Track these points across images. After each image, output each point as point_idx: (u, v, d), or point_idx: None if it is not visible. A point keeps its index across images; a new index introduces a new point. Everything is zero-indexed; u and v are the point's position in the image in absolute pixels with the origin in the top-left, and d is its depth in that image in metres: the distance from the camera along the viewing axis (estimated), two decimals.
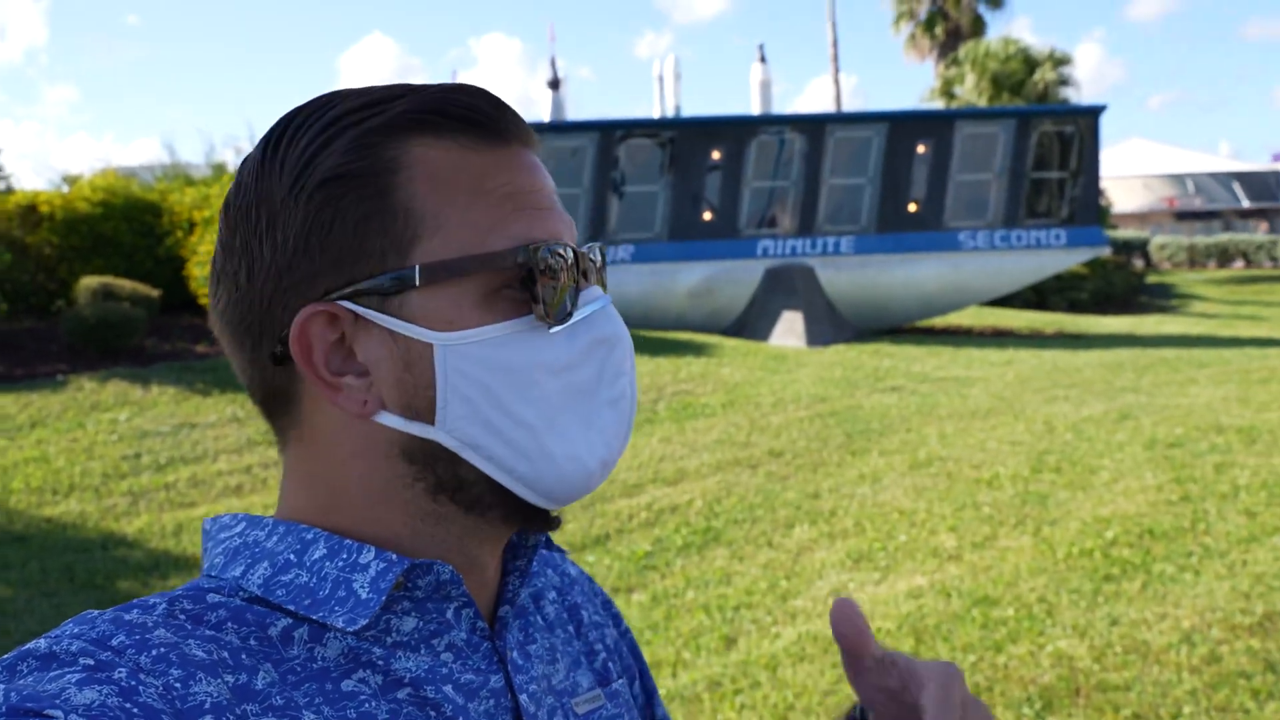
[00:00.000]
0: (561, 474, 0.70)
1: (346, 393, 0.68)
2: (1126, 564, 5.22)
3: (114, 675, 0.57)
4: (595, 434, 0.71)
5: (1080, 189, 15.54)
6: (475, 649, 0.71)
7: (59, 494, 6.68)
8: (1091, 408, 8.96)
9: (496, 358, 0.68)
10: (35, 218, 11.99)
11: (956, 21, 31.94)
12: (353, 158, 0.67)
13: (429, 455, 0.69)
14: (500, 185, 0.70)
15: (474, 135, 0.70)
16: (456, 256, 0.67)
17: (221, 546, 0.71)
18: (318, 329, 0.68)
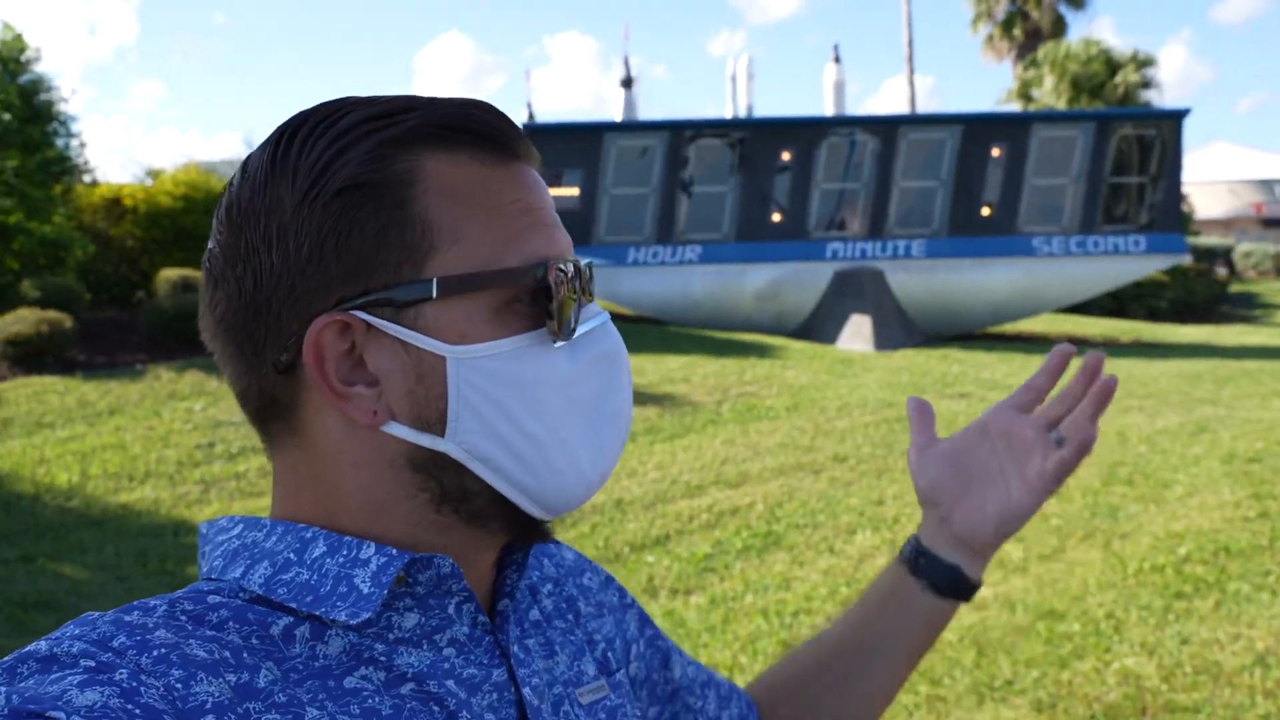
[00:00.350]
0: (563, 486, 0.71)
1: (355, 402, 0.68)
2: (1199, 581, 5.09)
3: (115, 676, 0.57)
4: (596, 447, 0.73)
5: (1161, 194, 15.17)
6: (477, 643, 0.71)
7: (135, 480, 6.86)
8: (1167, 419, 8.74)
9: (507, 371, 0.68)
10: (119, 211, 12.34)
11: (1036, 22, 31.36)
12: (369, 168, 0.67)
13: (436, 466, 0.69)
14: (514, 201, 0.71)
15: (487, 151, 0.71)
16: (474, 271, 0.68)
17: (220, 549, 0.71)
18: (330, 338, 0.68)
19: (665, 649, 0.94)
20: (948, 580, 0.93)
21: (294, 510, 0.72)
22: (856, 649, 0.96)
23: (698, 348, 12.05)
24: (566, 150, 14.71)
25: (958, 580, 0.93)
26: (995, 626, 4.65)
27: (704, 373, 10.48)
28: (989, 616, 4.76)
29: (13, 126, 10.56)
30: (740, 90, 18.62)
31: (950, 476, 0.94)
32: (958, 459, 0.94)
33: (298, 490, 0.72)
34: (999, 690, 4.08)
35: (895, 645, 0.95)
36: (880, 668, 0.96)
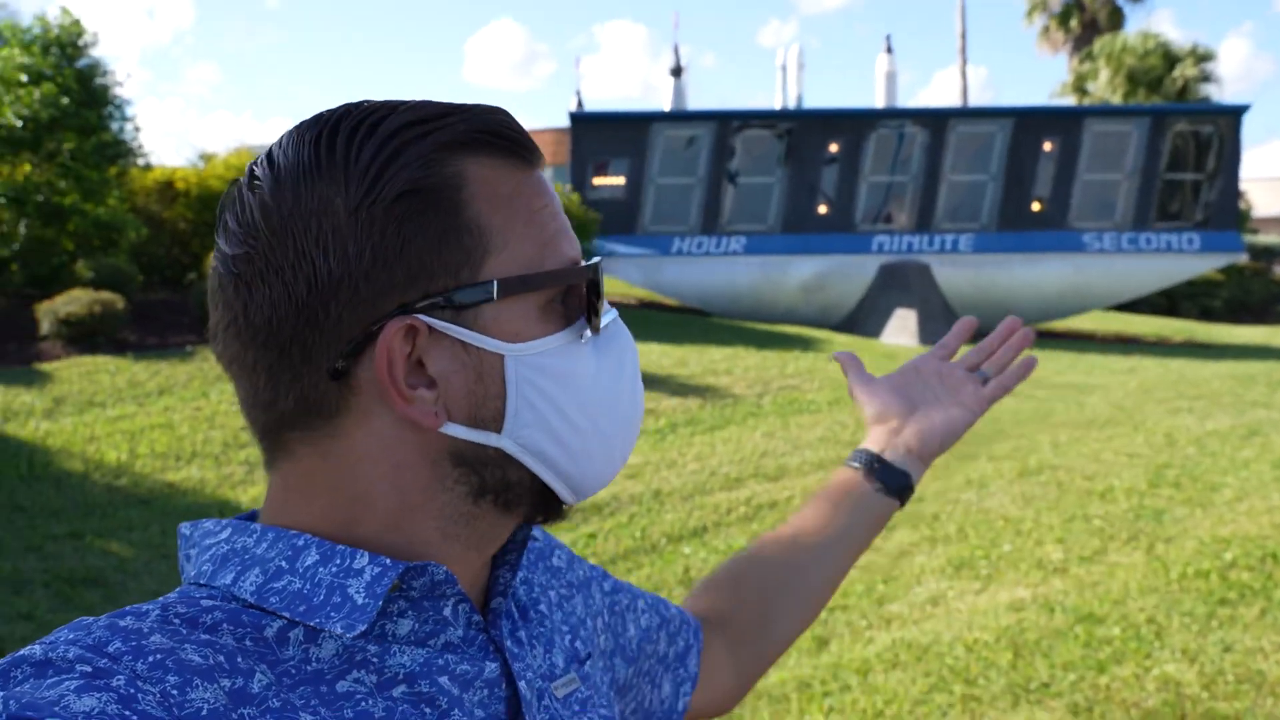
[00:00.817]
0: (598, 472, 0.76)
1: (419, 405, 0.68)
2: (1245, 588, 4.99)
3: (112, 683, 0.57)
4: (625, 432, 0.78)
5: (1217, 191, 14.89)
6: (471, 642, 0.72)
7: (181, 460, 6.97)
8: (1218, 421, 8.59)
9: (557, 367, 0.72)
10: (171, 193, 12.52)
11: (1093, 14, 30.85)
12: (425, 172, 0.68)
13: (480, 460, 0.70)
14: (543, 206, 0.74)
15: (519, 157, 0.73)
16: (527, 272, 0.70)
17: (209, 553, 0.70)
18: (397, 342, 0.67)
19: (623, 608, 0.95)
20: (898, 483, 1.09)
21: (301, 518, 0.71)
22: (816, 546, 1.07)
23: (740, 339, 12.01)
24: (613, 139, 14.73)
25: (906, 483, 1.10)
26: (1032, 628, 4.60)
27: (746, 365, 10.45)
28: (1026, 618, 4.71)
29: (70, 110, 10.73)
30: (790, 80, 18.52)
31: (897, 401, 1.12)
32: (900, 389, 1.14)
33: (309, 498, 0.71)
34: (1035, 693, 4.04)
35: (849, 540, 1.08)
36: (833, 559, 1.08)
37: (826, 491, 1.11)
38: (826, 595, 1.09)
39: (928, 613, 4.88)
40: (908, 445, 1.10)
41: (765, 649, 1.06)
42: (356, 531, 0.70)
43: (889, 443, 1.10)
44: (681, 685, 0.98)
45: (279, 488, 0.72)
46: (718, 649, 1.02)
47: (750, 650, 1.05)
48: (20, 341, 9.11)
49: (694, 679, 0.99)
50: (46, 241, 10.72)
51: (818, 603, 1.09)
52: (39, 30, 11.05)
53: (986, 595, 5.06)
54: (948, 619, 4.77)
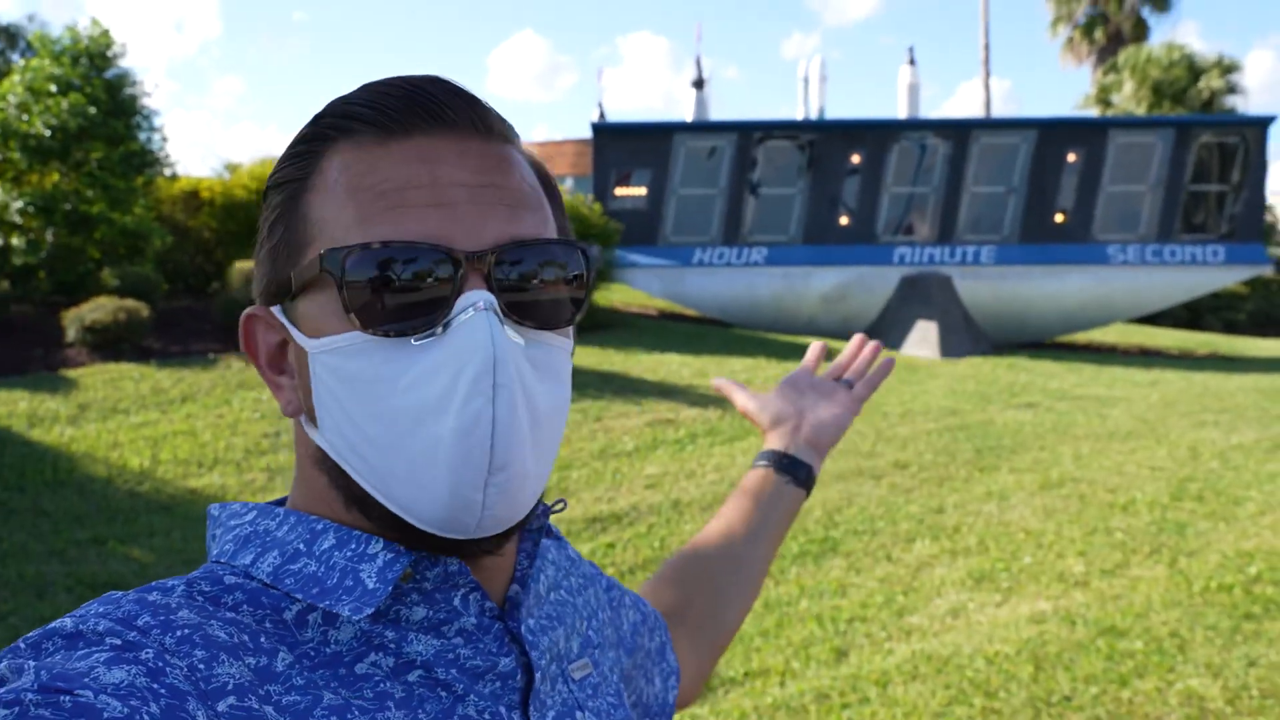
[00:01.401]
0: (414, 497, 0.66)
1: (283, 391, 0.72)
2: (1269, 602, 4.94)
3: (141, 655, 0.58)
4: (439, 462, 0.65)
5: (1243, 204, 14.77)
6: (486, 631, 0.72)
7: (204, 466, 7.02)
8: (1242, 435, 8.51)
9: (346, 368, 0.67)
10: (196, 203, 12.63)
11: (1117, 25, 30.71)
12: (284, 167, 0.71)
13: (332, 464, 0.70)
14: (379, 181, 0.67)
15: (374, 132, 0.68)
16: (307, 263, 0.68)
17: (232, 534, 0.72)
18: (261, 331, 0.72)
19: (618, 604, 0.96)
20: (805, 474, 1.19)
21: (295, 500, 0.75)
22: (745, 537, 1.15)
23: (762, 350, 11.99)
24: (636, 150, 14.75)
25: (810, 473, 1.20)
26: (1054, 641, 4.57)
27: (767, 375, 10.43)
28: (1047, 631, 4.68)
29: (98, 119, 10.85)
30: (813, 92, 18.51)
31: (788, 406, 1.24)
32: (785, 398, 1.26)
33: (296, 480, 0.75)
34: (1056, 706, 4.00)
35: (770, 529, 1.16)
36: (761, 549, 1.15)
37: (743, 490, 1.19)
38: (760, 581, 1.17)
39: (948, 625, 4.85)
40: (806, 440, 1.21)
41: (717, 637, 1.11)
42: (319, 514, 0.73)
43: (790, 440, 1.21)
44: (668, 679, 1.00)
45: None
46: (679, 641, 1.05)
47: (705, 639, 1.09)
48: (46, 348, 9.20)
49: (676, 671, 1.01)
50: (73, 249, 10.83)
51: (754, 589, 1.16)
52: (69, 41, 11.19)
53: (1007, 608, 5.02)
54: (968, 631, 4.75)
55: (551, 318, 0.71)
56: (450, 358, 0.65)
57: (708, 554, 1.15)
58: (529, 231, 0.69)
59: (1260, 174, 14.92)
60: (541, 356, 0.70)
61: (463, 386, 0.64)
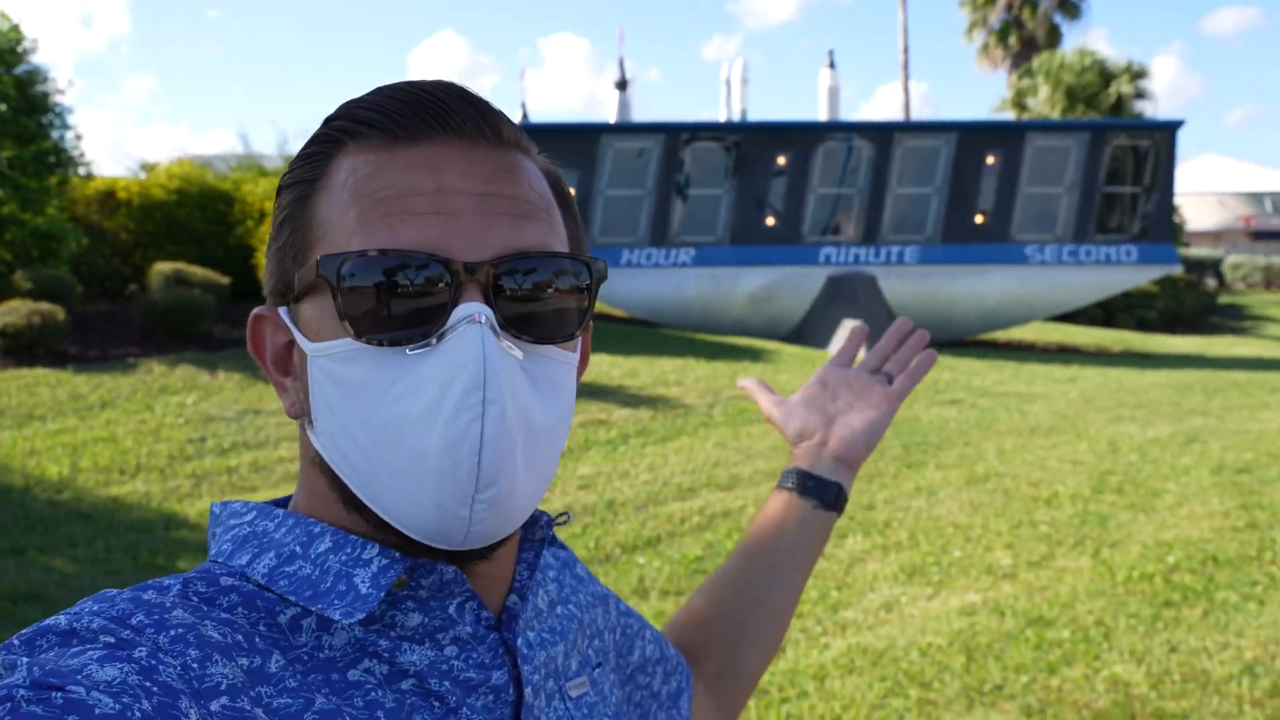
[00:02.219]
0: (400, 507, 0.66)
1: (287, 393, 0.72)
2: (1188, 590, 5.11)
3: (134, 654, 0.57)
4: (425, 475, 0.64)
5: (1153, 205, 15.25)
6: (481, 640, 0.71)
7: (125, 474, 6.84)
8: (1157, 429, 8.78)
9: (340, 373, 0.67)
10: (113, 204, 12.30)
11: (1031, 31, 31.45)
12: (295, 170, 0.71)
13: (329, 468, 0.70)
14: (381, 188, 0.66)
15: (381, 137, 0.68)
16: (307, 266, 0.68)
17: (230, 534, 0.72)
18: (267, 331, 0.73)
19: (632, 632, 0.94)
20: (832, 495, 1.08)
21: (298, 500, 0.75)
22: (766, 571, 1.06)
23: (690, 350, 12.05)
24: (562, 151, 14.65)
25: (840, 494, 1.09)
26: (984, 632, 4.67)
27: (696, 375, 10.49)
28: (978, 622, 4.78)
29: (8, 117, 10.51)
30: (735, 94, 18.66)
31: (814, 416, 1.13)
32: (812, 404, 1.14)
33: (300, 482, 0.75)
34: (988, 695, 4.09)
35: (797, 561, 1.07)
36: (787, 583, 1.07)
37: (766, 517, 1.09)
38: (786, 620, 1.08)
39: (882, 618, 4.92)
40: (834, 455, 1.10)
41: (739, 686, 1.05)
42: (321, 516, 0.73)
43: (816, 457, 1.10)
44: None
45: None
46: (699, 692, 1.01)
47: (726, 689, 1.04)
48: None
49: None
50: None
51: (779, 630, 1.07)
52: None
53: (938, 600, 5.12)
54: (901, 624, 4.83)
55: (553, 330, 0.69)
56: (440, 370, 0.64)
57: (725, 598, 1.06)
58: (533, 242, 0.68)
59: (1169, 176, 15.42)
60: (540, 370, 0.68)
61: (451, 400, 0.63)
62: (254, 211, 12.64)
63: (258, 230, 12.39)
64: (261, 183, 13.15)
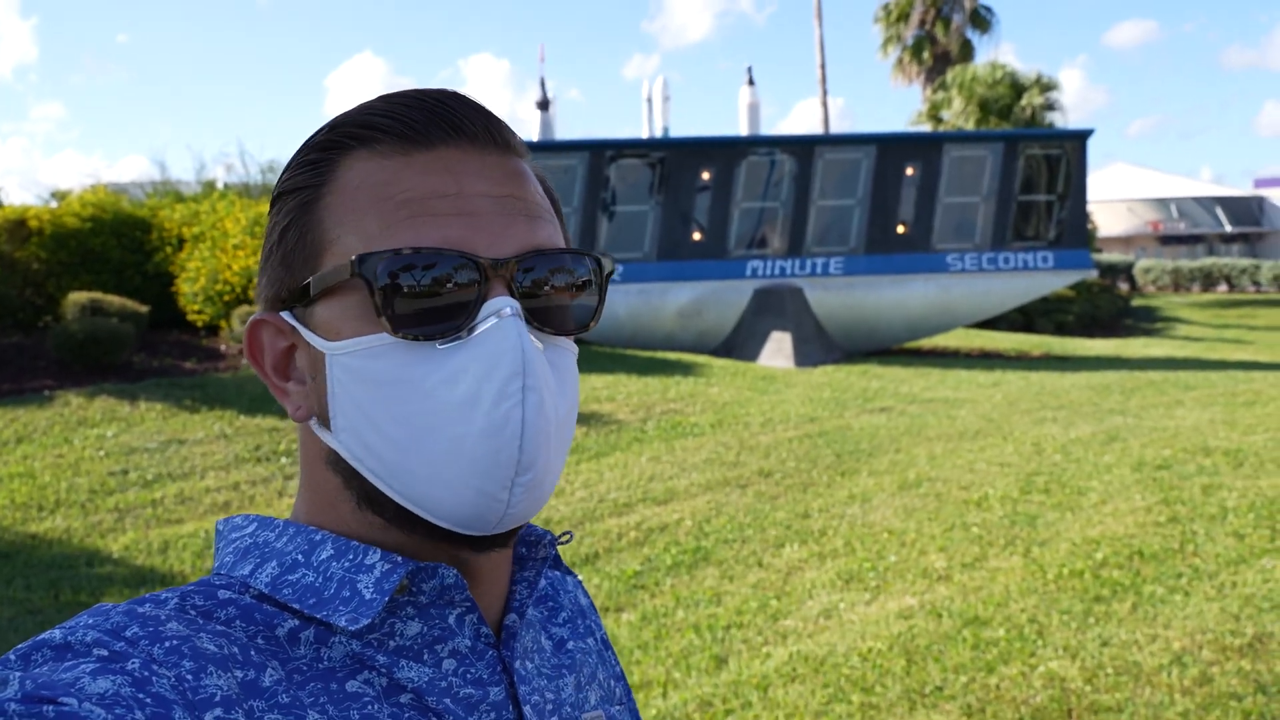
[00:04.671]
0: (435, 496, 0.67)
1: (290, 397, 0.72)
2: (1116, 585, 5.23)
3: (127, 666, 0.58)
4: (465, 462, 0.66)
5: (1067, 212, 15.65)
6: (480, 656, 0.71)
7: (45, 510, 6.63)
8: (1079, 429, 8.99)
9: (367, 370, 0.68)
10: (24, 232, 11.94)
11: (944, 46, 32.18)
12: (295, 174, 0.72)
13: (345, 466, 0.71)
14: (402, 191, 0.68)
15: (395, 142, 0.70)
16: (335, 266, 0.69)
17: (232, 546, 0.73)
18: (268, 336, 0.73)
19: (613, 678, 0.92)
20: None
21: (299, 507, 0.75)
22: None
23: (621, 366, 12.06)
24: None
25: None
26: (923, 634, 4.73)
27: (628, 391, 10.49)
28: (916, 625, 4.84)
29: None
30: (656, 112, 18.76)
31: None
32: None
33: (300, 485, 0.76)
34: (929, 696, 4.14)
35: None
36: None
37: None
38: None
39: (821, 625, 4.96)
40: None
41: None
42: (322, 520, 0.73)
43: None
44: None
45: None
46: None
47: None
48: None
49: None
50: None
51: None
52: None
53: (876, 605, 5.17)
54: (841, 630, 4.86)
55: (567, 323, 0.73)
56: (478, 360, 0.66)
57: None
58: (546, 241, 0.72)
59: (1081, 183, 15.84)
60: (559, 360, 0.72)
61: (492, 389, 0.66)
62: (172, 238, 12.37)
63: (176, 257, 12.12)
64: (179, 209, 12.89)
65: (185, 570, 5.75)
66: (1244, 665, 4.27)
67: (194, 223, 12.29)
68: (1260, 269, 36.21)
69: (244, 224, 11.47)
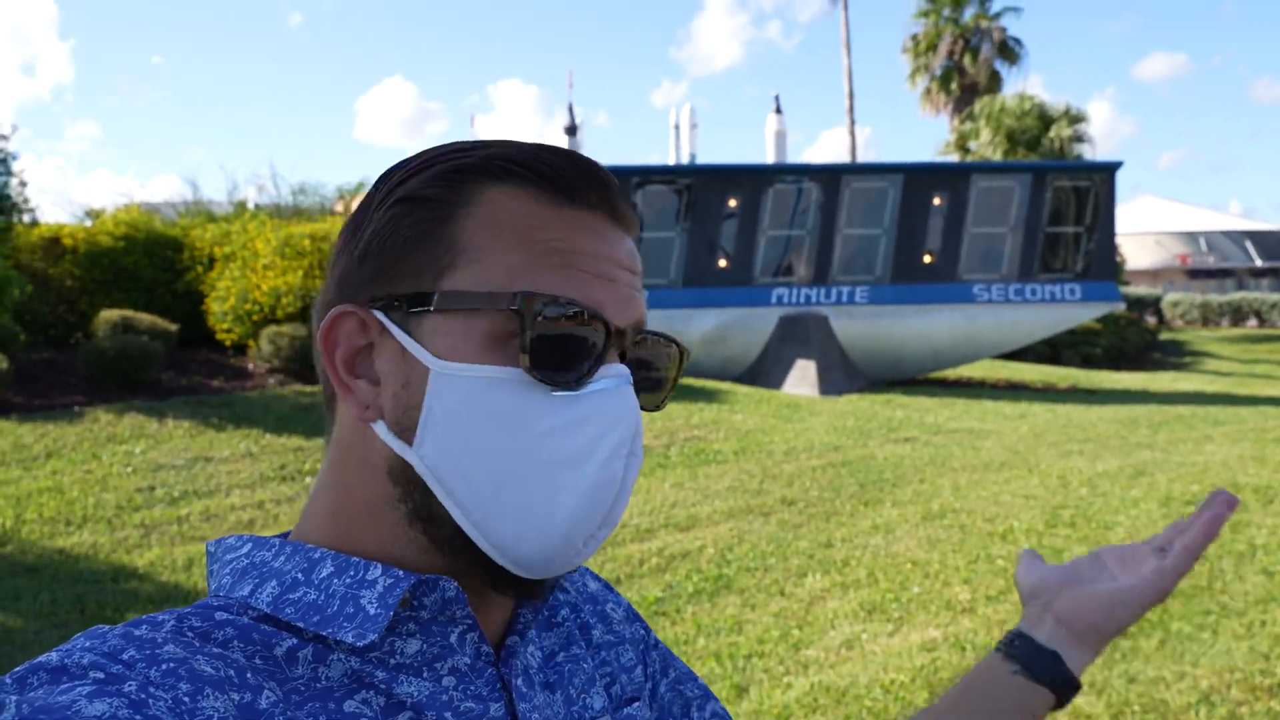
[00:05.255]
0: (517, 534, 0.68)
1: (355, 394, 0.72)
2: (1144, 622, 5.17)
3: (124, 688, 0.58)
4: (560, 509, 0.68)
5: (1095, 244, 15.58)
6: (479, 674, 0.71)
7: (72, 525, 6.69)
8: (1106, 463, 8.92)
9: (483, 398, 0.68)
10: (58, 250, 12.12)
11: (973, 77, 32.21)
12: (432, 186, 0.72)
13: (408, 479, 0.70)
14: (553, 239, 0.71)
15: (547, 189, 0.72)
16: (474, 290, 0.69)
17: (229, 567, 0.72)
18: (347, 330, 0.72)
19: (688, 697, 0.92)
20: (1043, 664, 0.91)
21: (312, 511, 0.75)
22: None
23: None
24: None
25: (1054, 665, 0.91)
26: (946, 667, 4.69)
27: (651, 417, 10.45)
28: (939, 657, 4.80)
29: None
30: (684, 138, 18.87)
31: (1057, 575, 0.95)
32: (1066, 569, 0.96)
33: (321, 487, 0.75)
34: None
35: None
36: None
37: (962, 682, 0.95)
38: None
39: (843, 656, 4.93)
40: (1058, 618, 0.92)
41: None
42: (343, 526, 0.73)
43: (1038, 619, 0.94)
44: None
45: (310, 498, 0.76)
46: None
47: None
48: None
49: None
50: None
51: None
52: None
53: (899, 637, 5.14)
54: (863, 661, 4.83)
55: (655, 396, 0.78)
56: (600, 416, 0.70)
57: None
58: (644, 317, 0.76)
59: (1110, 215, 15.78)
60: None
61: (607, 446, 0.69)
62: (203, 257, 12.51)
63: (207, 276, 12.25)
64: (210, 229, 13.03)
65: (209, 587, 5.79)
66: (1273, 705, 4.21)
67: (225, 242, 12.43)
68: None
69: (274, 244, 11.58)
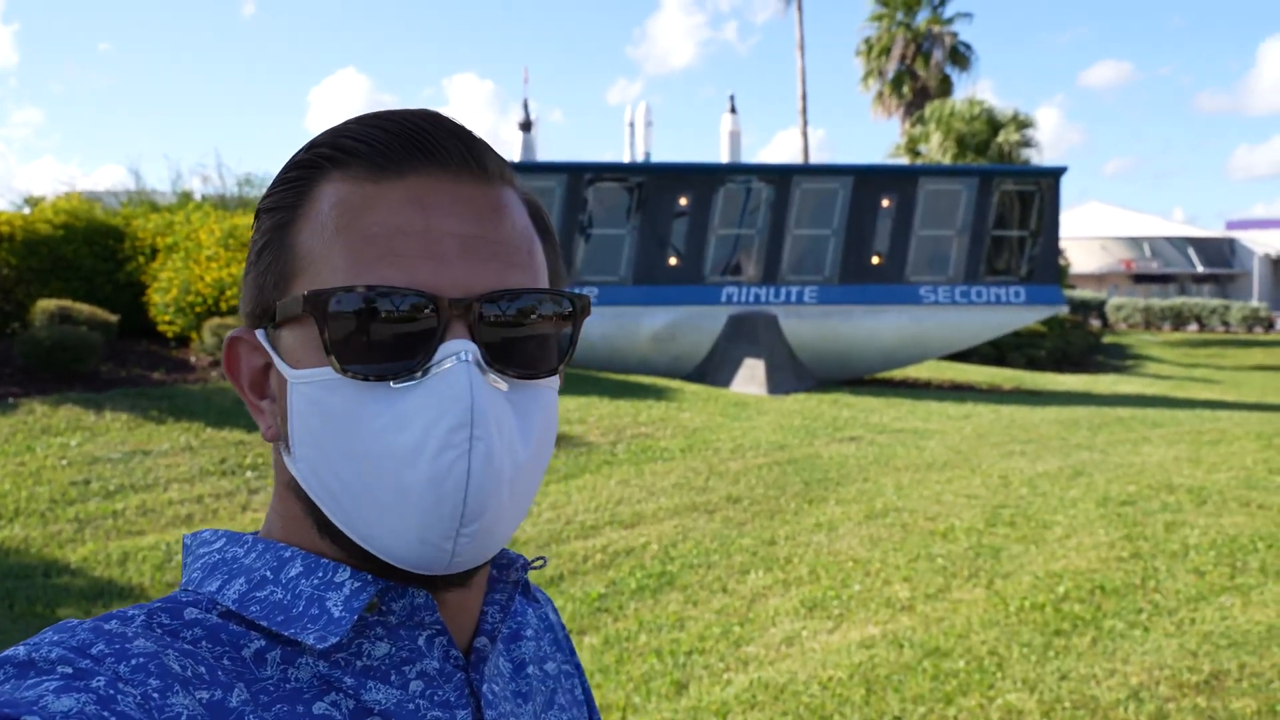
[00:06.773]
0: (381, 538, 0.66)
1: (264, 416, 0.72)
2: (1077, 619, 5.26)
3: (92, 684, 0.57)
4: (408, 509, 0.64)
5: (1040, 248, 15.81)
6: (448, 679, 0.70)
7: (2, 518, 6.54)
8: (1047, 464, 9.05)
9: (323, 402, 0.66)
10: None
11: (924, 81, 32.54)
12: (276, 192, 0.71)
13: (304, 493, 0.70)
14: (371, 224, 0.66)
15: (367, 167, 0.68)
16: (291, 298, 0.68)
17: (200, 561, 0.71)
18: (245, 353, 0.72)
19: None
20: None
21: (270, 523, 0.74)
22: None
23: (594, 389, 12.06)
24: None
25: None
26: (883, 664, 4.73)
27: (599, 414, 10.48)
28: (877, 654, 4.84)
29: None
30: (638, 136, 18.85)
31: None
32: None
33: (272, 503, 0.75)
34: None
35: None
36: None
37: None
38: None
39: (783, 653, 4.95)
40: None
41: None
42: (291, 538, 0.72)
43: None
44: None
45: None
46: None
47: None
48: None
49: None
50: None
51: None
52: None
53: (839, 634, 5.17)
54: (803, 658, 4.86)
55: (537, 363, 0.70)
56: (427, 406, 0.64)
57: None
58: (515, 284, 0.69)
59: (1054, 220, 16.02)
60: (526, 401, 0.69)
61: (437, 437, 0.63)
62: (145, 247, 12.29)
63: (149, 267, 12.04)
64: (153, 218, 12.81)
65: (144, 583, 5.69)
66: (1199, 702, 4.29)
67: (168, 233, 12.22)
68: (1230, 309, 36.70)
69: (218, 235, 11.41)
